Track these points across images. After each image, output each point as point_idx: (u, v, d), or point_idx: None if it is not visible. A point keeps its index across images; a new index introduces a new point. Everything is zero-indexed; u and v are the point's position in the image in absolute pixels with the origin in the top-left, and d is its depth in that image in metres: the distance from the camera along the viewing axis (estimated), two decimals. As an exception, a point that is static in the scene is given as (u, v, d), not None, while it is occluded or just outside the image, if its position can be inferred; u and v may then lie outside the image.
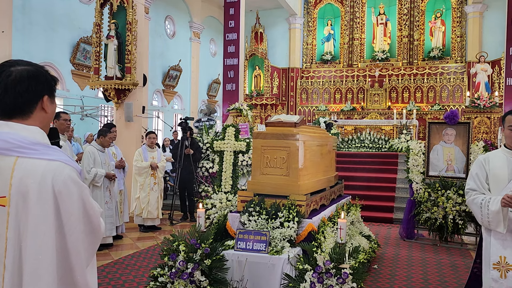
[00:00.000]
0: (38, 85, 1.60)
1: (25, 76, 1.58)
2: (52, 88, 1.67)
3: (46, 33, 11.01)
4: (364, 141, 13.12)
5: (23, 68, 1.59)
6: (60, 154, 1.58)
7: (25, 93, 1.57)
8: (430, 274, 5.36)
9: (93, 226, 1.61)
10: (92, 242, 1.62)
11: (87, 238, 1.58)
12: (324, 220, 4.66)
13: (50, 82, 1.66)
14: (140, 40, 8.53)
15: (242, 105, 11.20)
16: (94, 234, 1.62)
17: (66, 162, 1.57)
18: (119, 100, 8.09)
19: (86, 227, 1.57)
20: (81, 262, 1.55)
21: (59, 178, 1.50)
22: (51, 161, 1.53)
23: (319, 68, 17.74)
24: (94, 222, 1.61)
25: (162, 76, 15.49)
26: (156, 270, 4.06)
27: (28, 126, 1.58)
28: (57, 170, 1.51)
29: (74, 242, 1.52)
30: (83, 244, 1.56)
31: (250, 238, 4.13)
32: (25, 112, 1.59)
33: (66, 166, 1.55)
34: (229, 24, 12.52)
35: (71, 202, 1.52)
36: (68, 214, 1.51)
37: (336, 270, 3.70)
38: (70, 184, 1.52)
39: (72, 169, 1.57)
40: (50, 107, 1.66)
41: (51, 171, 1.50)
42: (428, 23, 16.67)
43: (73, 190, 1.53)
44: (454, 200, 6.66)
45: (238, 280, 3.87)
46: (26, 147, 1.53)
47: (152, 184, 7.52)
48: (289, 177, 4.49)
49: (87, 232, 1.58)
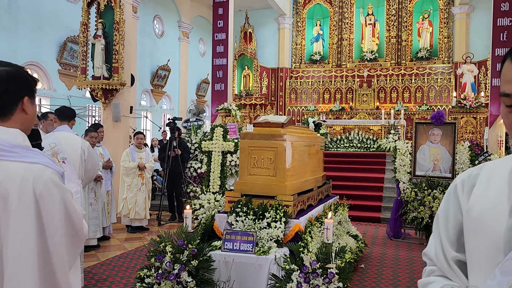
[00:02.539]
0: (18, 86, 1.58)
1: (5, 77, 1.55)
2: (32, 89, 1.65)
3: (32, 32, 10.90)
4: (353, 141, 13.19)
5: (2, 69, 1.56)
6: (41, 157, 1.57)
7: (5, 94, 1.55)
8: (416, 273, 5.41)
9: (75, 229, 1.60)
10: (75, 245, 1.61)
11: (69, 241, 1.57)
12: (311, 220, 4.68)
13: (30, 83, 1.63)
14: (128, 39, 8.49)
15: (231, 105, 11.19)
16: (76, 237, 1.61)
17: (47, 164, 1.55)
18: (107, 100, 8.04)
19: (68, 230, 1.56)
20: (63, 265, 1.54)
21: (40, 181, 1.49)
22: (32, 163, 1.52)
23: (308, 68, 17.78)
24: (76, 224, 1.60)
25: (151, 76, 15.41)
26: (143, 271, 4.05)
27: (8, 129, 1.56)
28: (38, 173, 1.50)
29: (56, 245, 1.51)
30: (66, 247, 1.55)
31: (237, 238, 4.14)
32: (5, 113, 1.57)
33: (47, 169, 1.53)
34: (218, 24, 12.49)
35: (53, 205, 1.51)
36: (50, 217, 1.50)
37: (322, 270, 3.72)
38: (51, 187, 1.51)
39: (53, 172, 1.55)
40: (31, 108, 1.64)
41: (32, 174, 1.49)
42: (416, 24, 16.79)
43: (55, 193, 1.51)
44: (440, 199, 6.72)
45: (225, 281, 3.87)
46: (6, 150, 1.52)
47: (140, 185, 7.48)
48: (276, 178, 4.50)
49: (69, 235, 1.57)
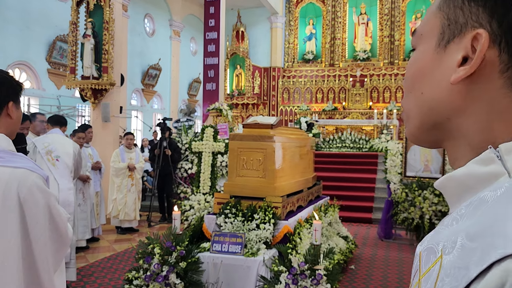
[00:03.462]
0: (3, 91, 1.58)
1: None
2: (17, 93, 1.66)
3: (21, 31, 10.79)
4: (345, 141, 13.20)
5: None
6: (25, 161, 1.58)
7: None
8: (406, 274, 5.41)
9: (60, 233, 1.62)
10: (59, 249, 1.64)
11: (53, 245, 1.59)
12: (300, 222, 4.66)
13: (15, 87, 1.64)
14: (118, 38, 8.41)
15: (222, 105, 11.15)
16: (61, 240, 1.64)
17: (31, 169, 1.56)
18: (96, 100, 7.96)
19: (52, 234, 1.58)
20: (48, 268, 1.56)
21: (25, 185, 1.50)
22: (16, 168, 1.53)
23: (300, 67, 17.77)
24: (61, 228, 1.62)
25: (142, 75, 15.32)
26: (131, 273, 4.01)
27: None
28: (22, 178, 1.52)
29: (40, 249, 1.52)
30: (50, 251, 1.58)
31: (226, 240, 4.11)
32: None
33: (31, 173, 1.55)
34: (209, 23, 12.44)
35: (37, 210, 1.53)
36: (34, 221, 1.52)
37: (310, 271, 3.70)
38: (35, 191, 1.53)
39: (38, 176, 1.57)
40: (16, 113, 1.64)
41: (16, 179, 1.51)
42: (408, 24, 16.84)
43: (39, 198, 1.53)
44: (430, 200, 6.73)
45: (213, 283, 3.84)
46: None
47: (130, 186, 7.43)
48: (266, 179, 4.48)
49: (53, 239, 1.59)
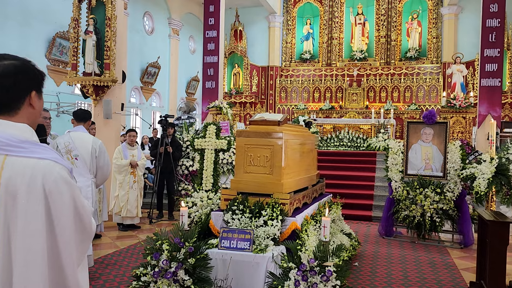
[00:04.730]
0: (26, 80, 1.54)
1: (12, 70, 1.51)
2: (40, 83, 1.62)
3: (21, 27, 10.72)
4: (343, 140, 13.27)
5: (10, 63, 1.52)
6: (50, 152, 1.53)
7: (12, 88, 1.51)
8: (410, 271, 5.45)
9: (84, 226, 1.58)
10: (83, 242, 1.59)
11: (78, 237, 1.54)
12: (307, 219, 4.69)
13: (38, 77, 1.60)
14: (119, 36, 8.39)
15: (222, 103, 11.14)
16: (85, 233, 1.59)
17: (56, 160, 1.52)
18: (98, 97, 7.94)
19: (77, 226, 1.53)
20: (72, 262, 1.51)
21: (50, 177, 1.46)
22: (40, 159, 1.48)
23: (298, 66, 17.82)
24: (85, 221, 1.58)
25: (141, 73, 15.28)
26: (139, 270, 4.01)
27: (16, 124, 1.52)
28: (47, 169, 1.47)
29: (65, 242, 1.48)
30: (74, 244, 1.52)
31: (234, 236, 4.12)
32: (12, 108, 1.53)
33: (56, 165, 1.50)
34: (209, 21, 12.42)
35: (62, 202, 1.48)
36: (59, 214, 1.47)
37: (320, 268, 3.72)
38: (61, 183, 1.48)
39: (62, 168, 1.52)
40: (38, 103, 1.61)
41: (41, 170, 1.46)
42: (405, 24, 16.93)
43: (64, 190, 1.48)
44: (431, 198, 6.78)
45: (222, 279, 3.85)
46: (15, 145, 1.48)
47: (132, 182, 7.42)
48: (273, 176, 4.49)
49: (78, 232, 1.54)
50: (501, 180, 6.35)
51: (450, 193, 6.78)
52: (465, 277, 5.30)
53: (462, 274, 5.43)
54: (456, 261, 6.02)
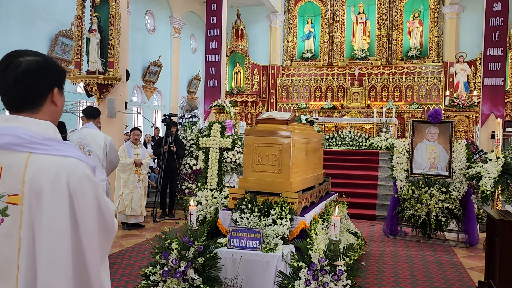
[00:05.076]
0: (49, 76, 1.52)
1: (35, 67, 1.49)
2: (62, 80, 1.59)
3: (22, 25, 10.68)
4: (345, 139, 13.25)
5: (33, 59, 1.50)
6: (73, 150, 1.51)
7: (35, 85, 1.49)
8: (417, 270, 5.44)
9: (107, 224, 1.56)
10: (106, 241, 1.57)
11: (101, 236, 1.52)
12: (315, 218, 4.67)
13: (60, 73, 1.58)
14: (121, 34, 8.35)
15: (225, 102, 11.13)
16: (108, 232, 1.57)
17: (80, 158, 1.50)
18: (101, 95, 7.91)
19: (100, 225, 1.51)
20: (95, 261, 1.49)
21: (74, 175, 1.44)
22: (65, 157, 1.46)
23: (299, 65, 17.81)
24: (108, 220, 1.56)
25: (142, 71, 15.23)
26: (148, 269, 3.99)
27: (40, 121, 1.50)
28: (71, 167, 1.44)
29: (89, 241, 1.46)
30: (98, 243, 1.50)
31: (244, 235, 4.10)
32: (35, 105, 1.51)
33: (80, 163, 1.48)
34: (211, 20, 12.41)
35: (86, 200, 1.45)
36: (83, 212, 1.45)
37: (331, 267, 3.70)
38: (85, 181, 1.46)
39: (86, 166, 1.50)
40: (60, 100, 1.59)
41: (66, 168, 1.43)
42: (406, 23, 16.93)
43: (88, 188, 1.46)
44: (437, 197, 6.77)
45: (232, 278, 3.83)
46: (39, 143, 1.46)
47: (136, 181, 7.40)
48: (281, 174, 4.47)
49: (101, 231, 1.52)
50: (507, 179, 6.34)
51: (456, 192, 6.77)
52: (472, 276, 5.29)
53: (469, 273, 5.41)
54: (462, 260, 6.01)
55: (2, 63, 1.50)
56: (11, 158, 1.44)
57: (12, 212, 1.43)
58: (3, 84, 1.49)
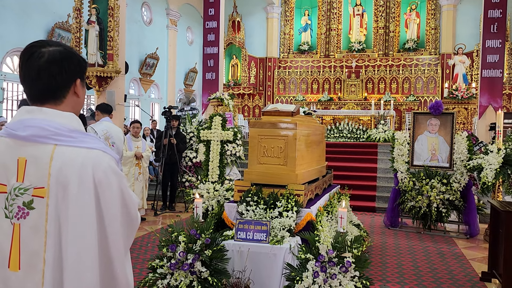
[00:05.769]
0: (72, 67, 1.49)
1: (58, 57, 1.46)
2: (83, 71, 1.57)
3: (18, 17, 10.55)
4: (343, 131, 13.27)
5: (55, 49, 1.47)
6: (98, 142, 1.50)
7: (59, 75, 1.46)
8: (419, 261, 5.47)
9: (131, 217, 1.55)
10: (130, 233, 1.56)
11: (125, 229, 1.51)
12: (320, 210, 4.67)
13: (82, 64, 1.55)
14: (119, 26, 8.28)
15: (223, 94, 11.08)
16: (131, 225, 1.56)
17: (105, 150, 1.48)
18: (101, 88, 7.85)
19: (124, 218, 1.50)
20: (120, 254, 1.48)
21: (100, 167, 1.42)
22: (90, 149, 1.44)
23: (296, 58, 17.76)
24: (132, 212, 1.55)
25: (139, 64, 15.14)
26: (155, 262, 3.98)
27: (63, 112, 1.48)
28: (96, 159, 1.43)
29: (114, 233, 1.45)
30: (122, 235, 1.49)
31: (250, 228, 4.10)
32: (58, 96, 1.49)
33: (105, 155, 1.47)
34: (209, 12, 12.32)
35: (111, 193, 1.44)
36: (109, 205, 1.44)
37: (338, 259, 3.71)
38: (110, 174, 1.44)
39: (111, 158, 1.49)
40: (82, 91, 1.57)
41: (91, 160, 1.42)
42: (403, 15, 16.90)
43: (113, 180, 1.45)
44: (438, 189, 6.80)
45: (240, 271, 3.83)
46: (64, 135, 1.44)
47: (137, 174, 7.37)
48: (287, 166, 4.47)
49: (125, 223, 1.51)
50: (508, 170, 6.37)
51: (457, 183, 6.80)
52: (474, 267, 5.32)
53: (472, 264, 5.45)
54: (463, 251, 6.05)
55: (24, 54, 1.47)
56: (36, 150, 1.42)
57: (37, 205, 1.41)
58: (26, 75, 1.47)
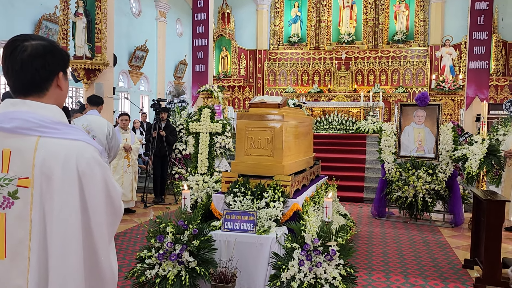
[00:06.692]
0: (54, 60, 1.53)
1: (41, 51, 1.50)
2: (66, 64, 1.61)
3: (4, 9, 10.43)
4: (332, 123, 13.34)
5: (38, 43, 1.51)
6: (81, 134, 1.54)
7: (42, 69, 1.51)
8: (405, 250, 5.58)
9: (115, 207, 1.60)
10: (113, 222, 1.61)
11: (109, 219, 1.56)
12: (307, 200, 4.75)
13: (64, 57, 1.59)
14: (107, 18, 8.24)
15: (212, 87, 11.10)
16: (115, 214, 1.61)
17: (88, 141, 1.53)
18: (89, 80, 7.84)
19: (108, 208, 1.55)
20: (104, 242, 1.53)
21: (83, 158, 1.46)
22: (73, 140, 1.49)
23: (286, 50, 17.77)
24: (116, 203, 1.60)
25: (128, 56, 15.05)
26: (143, 252, 4.03)
27: (47, 105, 1.52)
28: (80, 150, 1.47)
29: (97, 223, 1.49)
30: (106, 224, 1.54)
31: (237, 218, 4.16)
32: (41, 89, 1.53)
33: (88, 146, 1.51)
34: (198, 3, 12.28)
35: (95, 183, 1.48)
36: (92, 195, 1.48)
37: (324, 247, 3.79)
38: (93, 164, 1.49)
39: (94, 149, 1.53)
40: (65, 84, 1.61)
41: (75, 151, 1.46)
42: (392, 7, 16.96)
43: (97, 171, 1.49)
44: (424, 179, 6.91)
45: (227, 260, 3.90)
46: (48, 127, 1.48)
47: (126, 166, 7.39)
48: (274, 158, 4.53)
49: (109, 213, 1.56)
50: (492, 160, 6.50)
51: (442, 174, 6.92)
52: (458, 255, 5.45)
53: (455, 252, 5.58)
54: (448, 239, 6.18)
55: (7, 47, 1.51)
56: (20, 142, 1.46)
57: (22, 195, 1.46)
58: (9, 69, 1.50)
